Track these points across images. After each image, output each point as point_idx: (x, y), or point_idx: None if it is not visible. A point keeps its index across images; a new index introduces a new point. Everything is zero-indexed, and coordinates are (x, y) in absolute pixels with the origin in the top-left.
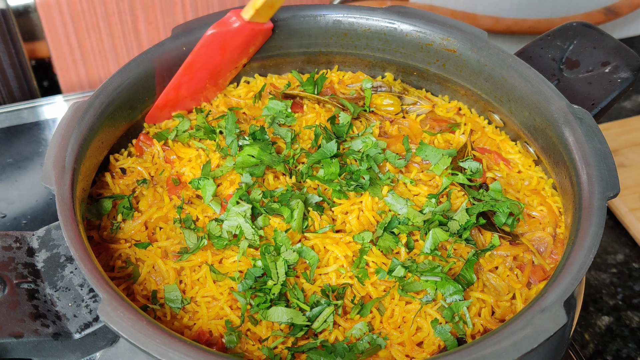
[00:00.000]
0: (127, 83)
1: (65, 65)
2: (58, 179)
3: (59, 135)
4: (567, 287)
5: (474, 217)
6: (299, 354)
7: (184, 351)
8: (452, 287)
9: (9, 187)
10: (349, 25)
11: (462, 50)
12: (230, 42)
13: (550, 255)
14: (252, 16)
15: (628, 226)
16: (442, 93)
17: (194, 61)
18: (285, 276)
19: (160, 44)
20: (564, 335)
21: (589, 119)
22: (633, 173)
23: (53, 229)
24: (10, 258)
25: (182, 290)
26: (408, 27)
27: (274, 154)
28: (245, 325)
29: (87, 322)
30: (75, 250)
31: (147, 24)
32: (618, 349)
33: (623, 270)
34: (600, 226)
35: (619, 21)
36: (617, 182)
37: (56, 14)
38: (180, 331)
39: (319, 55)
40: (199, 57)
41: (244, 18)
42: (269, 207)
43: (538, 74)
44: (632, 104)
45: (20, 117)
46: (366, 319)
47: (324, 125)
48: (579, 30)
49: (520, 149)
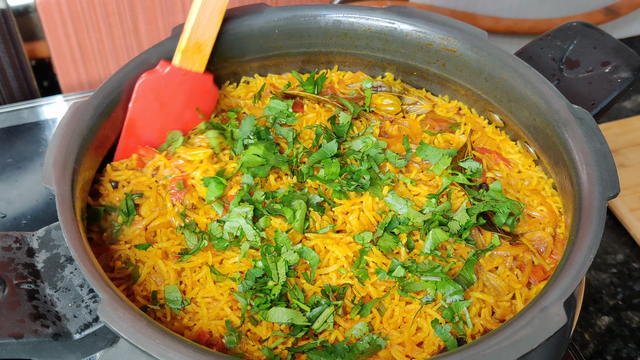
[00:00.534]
0: (128, 83)
1: (65, 65)
2: (58, 179)
3: (59, 135)
4: (567, 287)
5: (474, 217)
6: (299, 354)
7: (184, 352)
8: (452, 287)
9: (9, 187)
10: (349, 25)
11: (462, 50)
12: (164, 92)
13: (550, 255)
14: (180, 61)
15: (628, 226)
16: (442, 93)
17: (133, 119)
18: (285, 277)
19: (160, 44)
20: (564, 335)
21: (589, 119)
22: (633, 173)
23: (53, 229)
24: (10, 258)
25: (182, 290)
26: (408, 27)
27: (278, 154)
28: (246, 326)
29: (87, 323)
30: (75, 251)
31: (147, 24)
32: (618, 349)
33: (623, 270)
34: (600, 226)
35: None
36: (617, 182)
37: (56, 14)
38: (180, 332)
39: (319, 55)
40: (138, 114)
41: (173, 64)
42: (271, 207)
43: (538, 74)
44: (632, 104)
45: (20, 117)
46: (366, 319)
47: (325, 125)
48: (579, 30)
49: (520, 149)
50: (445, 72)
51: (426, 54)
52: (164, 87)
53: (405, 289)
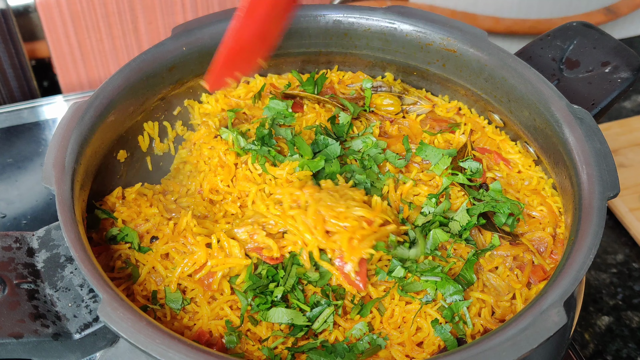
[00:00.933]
0: (127, 83)
1: (65, 65)
2: (58, 179)
3: (59, 135)
4: (567, 287)
5: (475, 217)
6: (299, 354)
7: (184, 351)
8: (452, 287)
9: (9, 187)
10: (349, 25)
11: (462, 50)
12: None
13: (550, 255)
14: None
15: (628, 226)
16: (442, 93)
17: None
18: (292, 284)
19: (160, 44)
20: (564, 335)
21: (589, 119)
22: (633, 173)
23: (53, 229)
24: (10, 258)
25: (182, 290)
26: (408, 27)
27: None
28: (246, 326)
29: (87, 323)
30: (75, 251)
31: (147, 24)
32: (618, 349)
33: (623, 270)
34: (600, 226)
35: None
36: (617, 182)
37: (56, 14)
38: (180, 331)
39: (319, 55)
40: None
41: None
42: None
43: (538, 74)
44: (632, 104)
45: (20, 117)
46: (366, 319)
47: (324, 125)
48: (579, 30)
49: (520, 149)
50: (445, 72)
51: (426, 54)
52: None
53: (405, 289)
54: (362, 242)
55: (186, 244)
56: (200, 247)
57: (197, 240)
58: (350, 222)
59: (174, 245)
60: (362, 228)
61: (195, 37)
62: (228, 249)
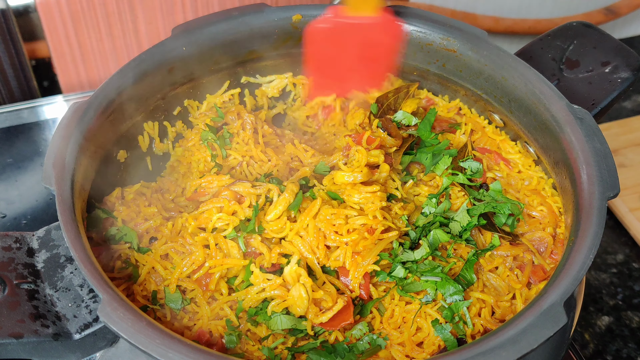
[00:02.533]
0: (127, 83)
1: (65, 65)
2: (58, 179)
3: (59, 135)
4: (567, 287)
5: (476, 218)
6: (299, 354)
7: (184, 352)
8: (452, 287)
9: (9, 187)
10: None
11: (462, 50)
12: (334, 39)
13: (550, 255)
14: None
15: (628, 226)
16: (442, 93)
17: (310, 63)
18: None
19: (160, 44)
20: (564, 336)
21: (589, 119)
22: (633, 173)
23: (53, 229)
24: (10, 258)
25: (182, 291)
26: (408, 27)
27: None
28: (246, 326)
29: (87, 323)
30: (75, 251)
31: (147, 24)
32: (618, 349)
33: (623, 270)
34: (600, 226)
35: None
36: (617, 182)
37: (56, 14)
38: (180, 332)
39: None
40: (312, 59)
41: (335, 9)
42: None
43: (538, 74)
44: (632, 104)
45: (20, 117)
46: (366, 319)
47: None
48: (579, 30)
49: (520, 149)
50: (445, 72)
51: (426, 54)
52: (331, 34)
53: (405, 289)
54: (366, 256)
55: (185, 245)
56: (198, 247)
57: (196, 241)
58: (351, 235)
59: (173, 245)
60: (364, 239)
61: (195, 37)
62: (226, 250)
